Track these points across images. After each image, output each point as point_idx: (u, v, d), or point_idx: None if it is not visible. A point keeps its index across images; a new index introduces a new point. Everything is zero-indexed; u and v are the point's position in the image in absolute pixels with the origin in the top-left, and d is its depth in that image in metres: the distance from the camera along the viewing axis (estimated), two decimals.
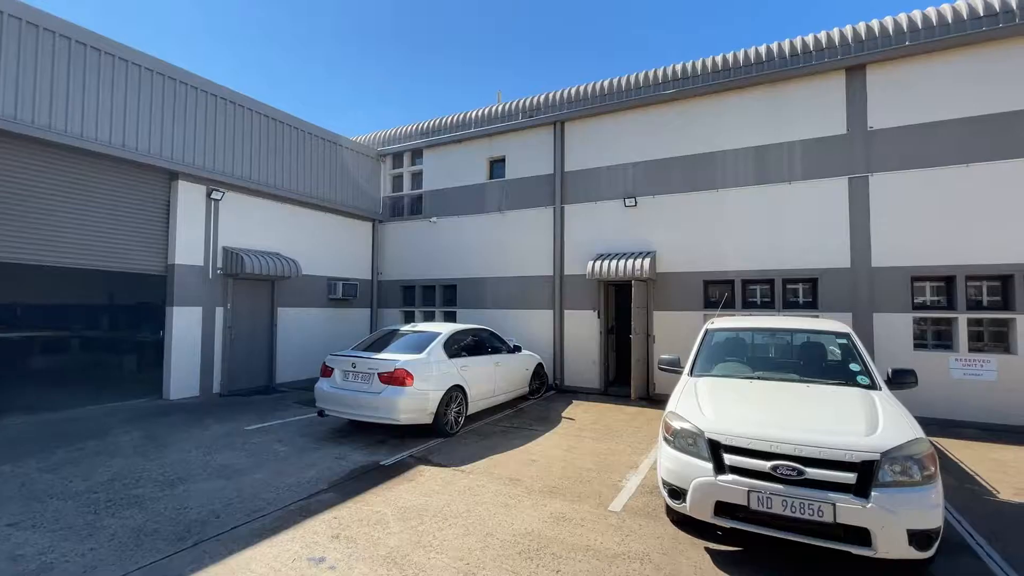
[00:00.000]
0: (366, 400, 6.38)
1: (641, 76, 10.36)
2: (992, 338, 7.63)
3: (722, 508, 3.33)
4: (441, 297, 12.54)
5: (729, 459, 3.37)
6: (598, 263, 9.82)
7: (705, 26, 66.17)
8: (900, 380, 4.37)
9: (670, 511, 3.99)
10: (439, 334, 7.29)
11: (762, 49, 9.27)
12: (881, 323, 8.04)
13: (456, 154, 12.51)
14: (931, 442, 3.28)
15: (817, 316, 8.29)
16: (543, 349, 10.79)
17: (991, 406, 7.33)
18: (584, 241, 10.65)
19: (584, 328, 10.53)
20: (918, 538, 2.93)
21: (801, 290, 8.87)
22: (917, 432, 3.28)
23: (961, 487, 4.95)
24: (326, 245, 12.03)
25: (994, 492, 4.82)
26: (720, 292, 9.34)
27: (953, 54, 7.86)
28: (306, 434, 6.75)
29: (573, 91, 11.09)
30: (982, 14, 7.69)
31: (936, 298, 8.02)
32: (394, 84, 71.11)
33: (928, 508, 2.97)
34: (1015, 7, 7.49)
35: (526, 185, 11.47)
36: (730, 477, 3.31)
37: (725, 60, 9.54)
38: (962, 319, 7.59)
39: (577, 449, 6.17)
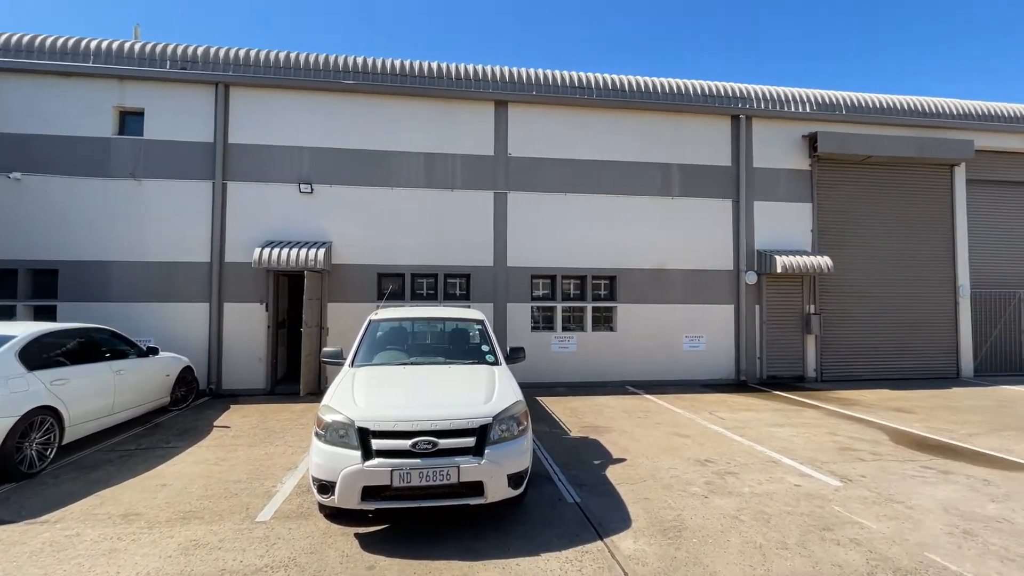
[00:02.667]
0: None
1: (322, 58, 9.93)
2: (575, 321, 10.64)
3: (369, 492, 3.52)
4: (29, 286, 9.01)
5: (377, 444, 3.59)
6: (268, 251, 8.93)
7: (394, 28, 68.85)
8: (514, 356, 5.58)
9: (323, 506, 3.97)
10: (10, 338, 5.20)
11: (435, 65, 10.25)
12: (512, 311, 10.13)
13: (63, 91, 9.19)
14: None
15: (469, 306, 9.78)
16: (195, 349, 9.11)
17: (574, 370, 10.24)
18: (251, 225, 9.50)
19: (249, 323, 9.40)
20: (514, 479, 3.80)
21: (459, 284, 10.28)
22: (518, 396, 4.25)
23: (551, 431, 6.72)
24: None
25: (568, 431, 6.74)
26: (394, 285, 9.90)
27: (554, 109, 10.50)
28: None
29: (242, 53, 9.71)
30: (576, 84, 10.56)
31: (546, 292, 10.62)
32: None
33: (521, 454, 3.87)
34: (605, 86, 10.60)
35: (175, 151, 9.40)
36: (376, 461, 3.53)
37: (403, 66, 10.12)
38: (559, 307, 10.34)
39: (228, 460, 5.46)
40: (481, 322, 5.92)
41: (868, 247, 11.44)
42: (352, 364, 4.99)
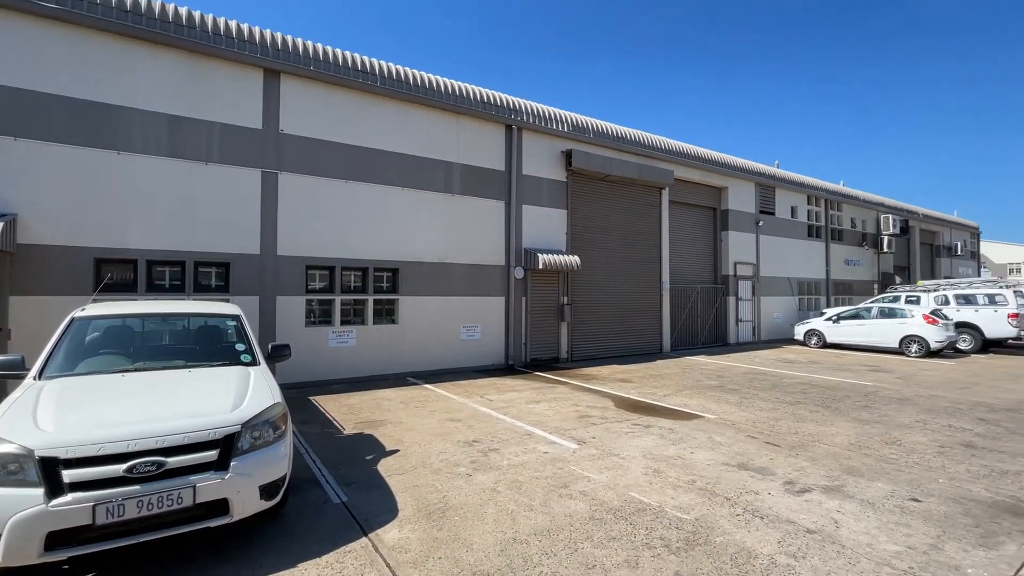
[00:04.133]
0: None
1: None
2: (356, 315, 10.27)
3: (58, 538, 2.77)
4: None
5: (72, 475, 2.85)
6: None
7: None
8: (278, 354, 5.07)
9: None
10: None
11: (183, 11, 8.54)
12: (284, 305, 9.21)
13: None
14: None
15: (228, 300, 8.52)
16: None
17: (353, 365, 9.88)
18: None
19: None
20: (268, 490, 3.47)
21: (214, 274, 8.85)
22: (276, 398, 3.89)
23: (323, 431, 6.36)
24: None
25: (342, 429, 6.49)
26: (122, 273, 7.97)
27: (336, 90, 9.92)
28: None
29: None
30: (384, 74, 10.10)
31: (324, 284, 9.96)
32: None
33: (277, 461, 3.57)
34: (424, 83, 10.29)
35: None
36: (71, 497, 2.80)
37: (137, 3, 8.15)
38: (338, 300, 9.83)
39: None
40: (236, 317, 5.21)
41: (606, 249, 13.94)
42: (39, 376, 3.85)
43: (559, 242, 12.82)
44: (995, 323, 14.55)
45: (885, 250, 23.52)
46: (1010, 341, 15.16)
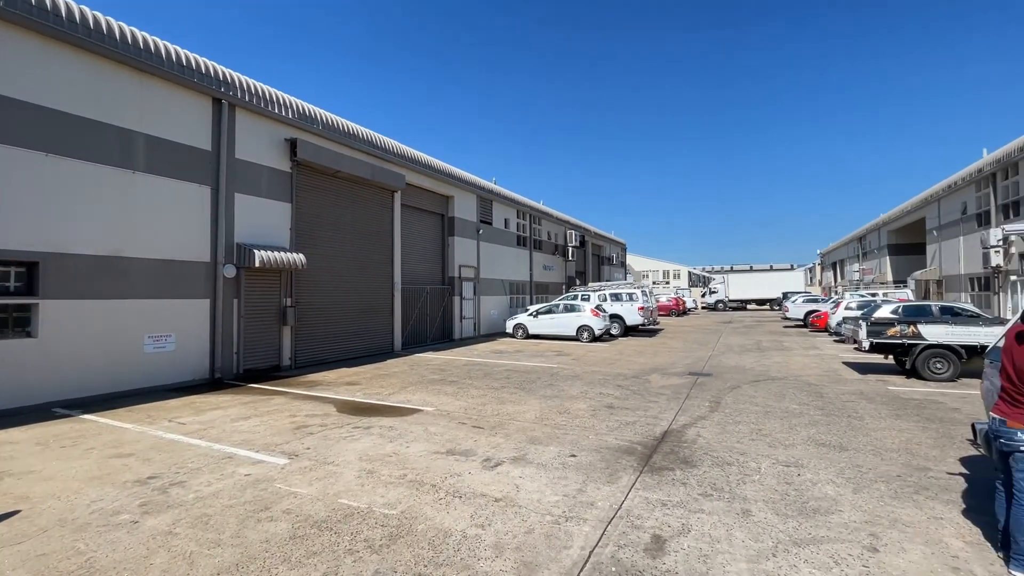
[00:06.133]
0: None
1: None
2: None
3: None
4: None
5: None
6: None
7: None
8: None
9: None
10: None
11: None
12: None
13: None
14: None
15: None
16: None
17: None
18: None
19: None
20: None
21: None
22: None
23: None
24: None
25: None
26: None
27: None
28: None
29: None
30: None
31: None
32: None
33: None
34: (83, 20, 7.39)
35: None
36: None
37: None
38: None
39: None
40: None
41: (336, 248, 13.41)
42: None
43: (282, 238, 11.67)
44: (631, 314, 20.00)
45: (570, 258, 29.61)
46: (640, 327, 21.04)
